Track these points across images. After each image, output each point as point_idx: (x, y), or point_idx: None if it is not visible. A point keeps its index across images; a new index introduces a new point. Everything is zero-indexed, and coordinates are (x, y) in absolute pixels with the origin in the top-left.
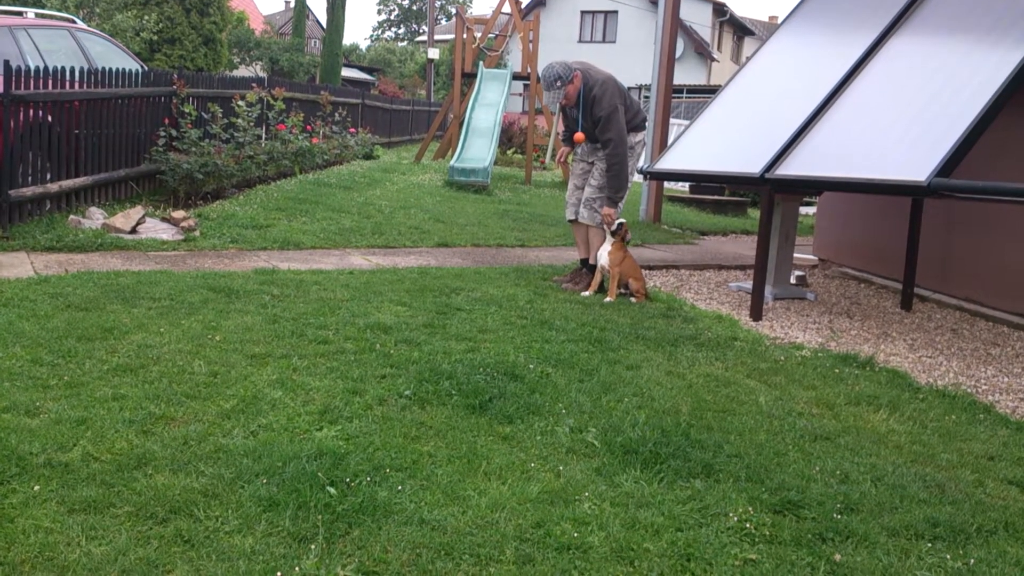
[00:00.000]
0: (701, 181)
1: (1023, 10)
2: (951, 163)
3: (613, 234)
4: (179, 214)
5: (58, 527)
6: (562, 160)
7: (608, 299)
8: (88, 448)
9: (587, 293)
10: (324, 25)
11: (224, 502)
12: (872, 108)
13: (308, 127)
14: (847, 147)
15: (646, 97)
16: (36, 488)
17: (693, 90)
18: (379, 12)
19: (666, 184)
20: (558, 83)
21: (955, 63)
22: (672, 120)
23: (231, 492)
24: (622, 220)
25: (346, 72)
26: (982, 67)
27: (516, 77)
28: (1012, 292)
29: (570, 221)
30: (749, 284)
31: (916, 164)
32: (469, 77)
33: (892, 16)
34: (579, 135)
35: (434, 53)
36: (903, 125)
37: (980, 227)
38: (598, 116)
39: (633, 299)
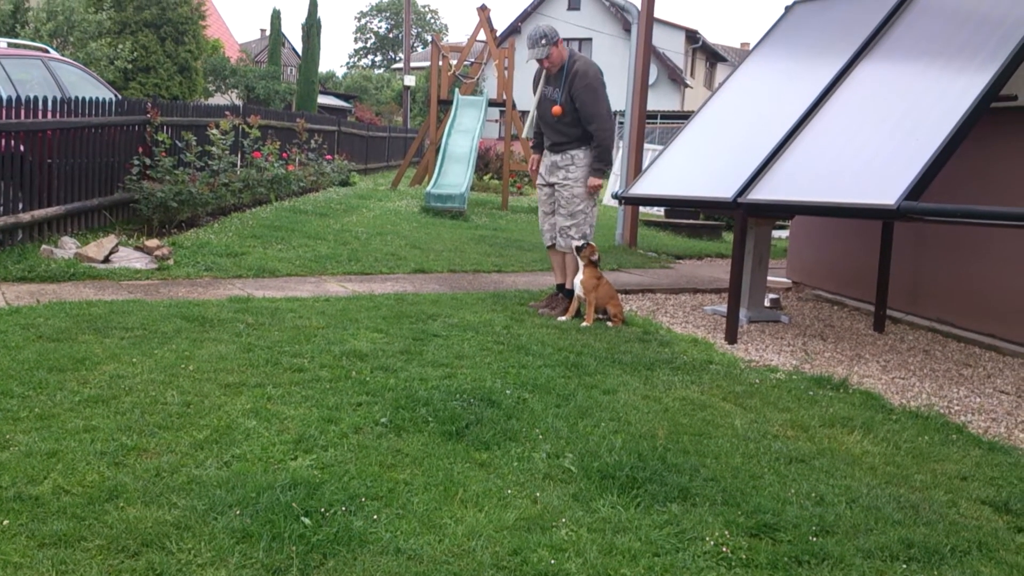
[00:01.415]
0: (676, 206)
1: (987, 35)
2: (920, 186)
3: (578, 251)
4: (153, 243)
5: (27, 562)
6: (534, 168)
7: (585, 324)
8: (59, 481)
9: (564, 318)
10: (300, 53)
11: (197, 534)
12: (842, 132)
13: (284, 154)
14: (818, 171)
15: (620, 123)
16: (5, 522)
17: (667, 116)
18: (355, 40)
19: (641, 208)
20: (543, 41)
21: (923, 87)
22: (647, 145)
23: (204, 524)
24: (585, 241)
25: (322, 99)
26: (949, 91)
27: (492, 104)
28: (982, 313)
29: (549, 247)
30: (724, 307)
31: (886, 188)
32: (445, 104)
33: (861, 42)
34: (557, 108)
35: (410, 80)
36: (872, 149)
37: (950, 249)
38: (579, 89)
39: (610, 323)
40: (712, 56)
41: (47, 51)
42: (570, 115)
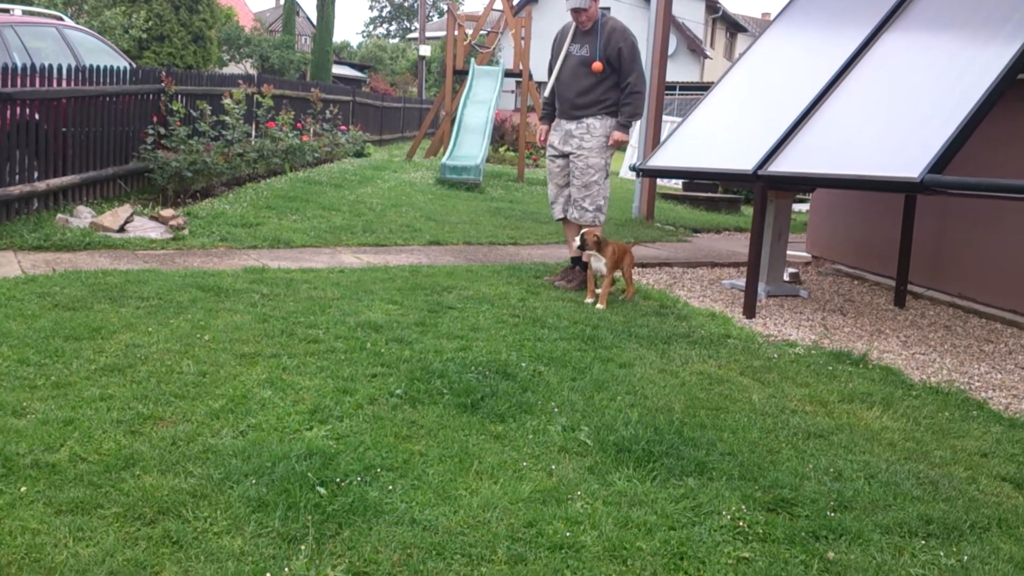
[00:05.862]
0: (694, 178)
1: (1014, 6)
2: (944, 159)
3: (581, 243)
4: (168, 212)
5: (45, 528)
6: (543, 139)
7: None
8: (75, 449)
9: (601, 306)
10: (314, 22)
11: (213, 503)
12: (865, 104)
13: (299, 124)
14: (840, 143)
15: None
16: (23, 489)
17: (686, 87)
18: (370, 9)
19: (659, 181)
20: None
21: (948, 59)
22: (665, 117)
23: (220, 493)
24: (596, 237)
25: (337, 69)
26: (974, 63)
27: (508, 74)
28: (1005, 288)
29: (559, 220)
30: (742, 281)
31: (909, 160)
32: (461, 74)
33: (884, 12)
34: (597, 64)
35: (425, 50)
36: (896, 121)
37: (973, 223)
38: (618, 46)
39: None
40: (732, 26)
41: (62, 19)
42: (607, 71)
